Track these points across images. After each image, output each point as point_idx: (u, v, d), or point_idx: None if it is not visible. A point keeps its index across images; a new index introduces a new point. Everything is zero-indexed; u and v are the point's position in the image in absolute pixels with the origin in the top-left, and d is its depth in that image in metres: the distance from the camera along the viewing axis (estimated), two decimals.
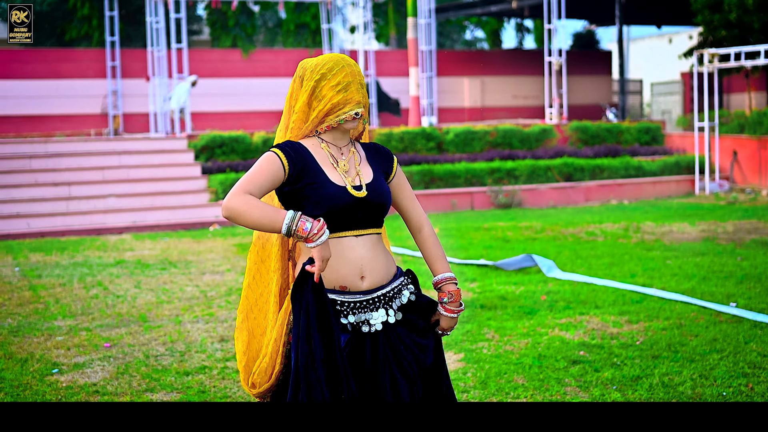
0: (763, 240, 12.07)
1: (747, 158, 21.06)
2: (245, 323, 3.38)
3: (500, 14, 34.92)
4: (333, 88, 3.25)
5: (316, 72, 3.28)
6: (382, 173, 3.40)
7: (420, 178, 18.64)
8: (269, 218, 3.07)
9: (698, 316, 7.55)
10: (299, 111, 3.31)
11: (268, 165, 3.19)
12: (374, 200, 3.27)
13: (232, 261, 11.63)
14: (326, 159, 3.29)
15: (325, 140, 3.33)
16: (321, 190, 3.20)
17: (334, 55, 3.33)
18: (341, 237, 3.24)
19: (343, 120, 3.27)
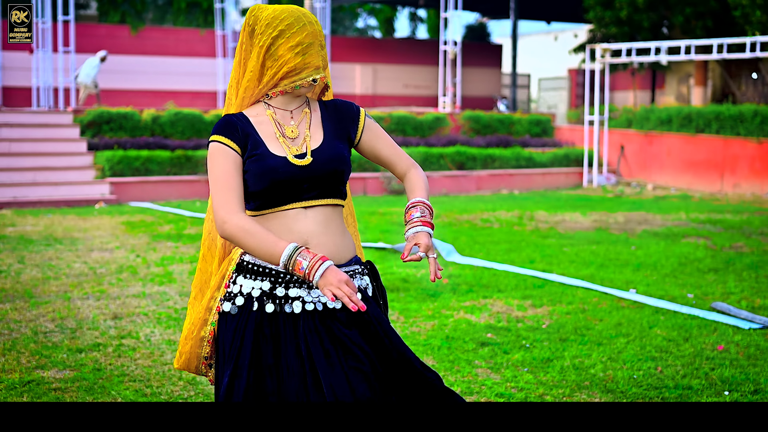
0: (653, 231, 12.25)
1: (633, 152, 21.48)
2: (196, 299, 3.08)
3: (395, 2, 34.87)
4: (291, 49, 2.87)
5: (272, 27, 2.88)
6: (340, 134, 3.02)
7: None
8: (267, 251, 2.76)
9: (600, 301, 7.55)
10: (253, 70, 2.93)
11: (224, 160, 2.86)
12: (320, 168, 2.91)
13: (121, 239, 11.21)
14: (270, 128, 2.94)
15: (273, 105, 2.97)
16: (260, 163, 2.87)
17: (293, 8, 2.91)
18: (286, 209, 2.90)
19: (299, 86, 2.90)
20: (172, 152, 17.41)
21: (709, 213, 14.54)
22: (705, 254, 10.14)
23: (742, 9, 22.11)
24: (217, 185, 2.84)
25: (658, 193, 18.87)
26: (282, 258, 2.74)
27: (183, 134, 18.33)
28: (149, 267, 9.11)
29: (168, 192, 16.70)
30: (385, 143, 3.12)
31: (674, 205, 16.22)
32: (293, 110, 2.99)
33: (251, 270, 2.90)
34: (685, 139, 20.52)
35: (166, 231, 11.91)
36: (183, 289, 7.94)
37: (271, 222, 2.89)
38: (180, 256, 9.76)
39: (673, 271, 9.07)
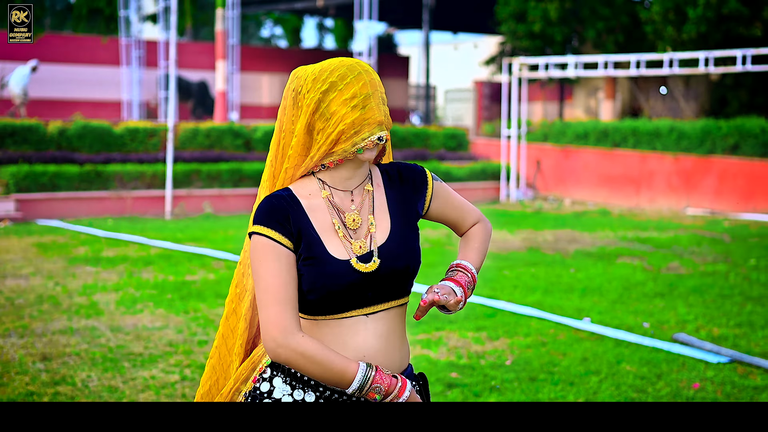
0: (585, 251, 12.09)
1: (550, 167, 21.47)
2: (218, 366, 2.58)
3: (304, 12, 34.47)
4: (346, 102, 2.34)
5: (320, 81, 2.36)
6: (409, 214, 2.50)
7: (229, 176, 17.85)
8: (333, 380, 2.28)
9: (557, 332, 7.27)
10: (299, 136, 2.39)
11: (275, 263, 2.32)
12: (389, 271, 2.39)
13: (35, 263, 10.52)
14: (326, 218, 2.39)
15: (328, 183, 2.42)
16: (316, 270, 2.33)
17: (343, 59, 2.41)
18: (344, 318, 2.38)
19: (362, 149, 2.35)
20: (81, 167, 16.64)
21: (634, 230, 14.49)
22: (645, 277, 9.98)
23: (654, 25, 22.33)
24: (268, 297, 2.29)
25: (577, 209, 18.83)
26: (354, 383, 2.28)
27: (91, 148, 17.54)
28: (71, 297, 8.50)
29: (77, 209, 15.93)
30: (453, 207, 2.63)
31: (596, 221, 16.16)
32: (354, 189, 2.44)
33: (291, 374, 2.39)
34: (601, 154, 20.58)
35: (82, 253, 11.25)
36: (113, 323, 7.38)
37: (323, 330, 2.38)
38: (103, 284, 9.16)
39: (620, 296, 8.86)
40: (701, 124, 19.15)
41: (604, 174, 20.44)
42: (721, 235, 13.85)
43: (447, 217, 2.63)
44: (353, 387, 2.27)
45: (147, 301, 8.32)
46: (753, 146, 17.98)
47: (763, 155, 17.82)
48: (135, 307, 8.05)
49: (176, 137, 17.81)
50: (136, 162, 17.52)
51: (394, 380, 2.32)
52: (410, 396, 2.33)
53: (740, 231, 14.53)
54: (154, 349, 6.59)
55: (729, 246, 12.63)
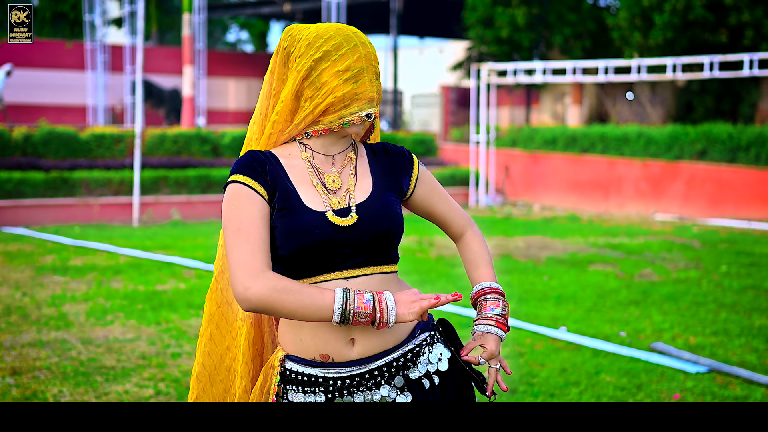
0: (558, 258, 12.08)
1: (518, 172, 21.49)
2: (206, 392, 2.45)
3: (271, 16, 34.32)
4: (339, 74, 2.26)
5: (314, 47, 2.28)
6: (391, 184, 2.41)
7: (197, 182, 17.69)
8: (312, 306, 2.13)
9: (534, 342, 7.22)
10: (285, 100, 2.31)
11: (248, 207, 2.22)
12: (367, 228, 2.28)
13: (1, 272, 10.32)
14: (305, 174, 2.32)
15: (310, 147, 2.35)
16: (290, 219, 2.24)
17: (341, 26, 2.33)
18: (321, 281, 2.27)
19: (348, 123, 2.29)
20: (47, 173, 16.41)
21: (605, 236, 14.50)
22: (618, 284, 9.97)
23: (620, 30, 22.44)
24: (238, 239, 2.19)
25: (546, 214, 18.84)
26: (336, 310, 2.14)
27: (57, 154, 17.30)
28: (40, 308, 8.34)
29: (43, 216, 15.71)
30: (440, 198, 2.54)
31: (566, 227, 16.18)
32: (336, 155, 2.37)
33: (297, 381, 2.31)
34: (570, 160, 20.63)
35: (50, 262, 11.07)
36: (84, 335, 7.24)
37: None
38: (72, 294, 9.00)
39: (595, 304, 8.83)
40: (669, 129, 19.25)
41: (572, 179, 20.49)
42: (690, 241, 13.90)
43: (434, 209, 2.54)
44: (336, 314, 2.15)
45: (117, 312, 8.18)
46: (720, 152, 18.09)
47: (731, 161, 17.94)
48: (105, 319, 7.92)
49: (143, 143, 17.63)
50: (102, 168, 17.32)
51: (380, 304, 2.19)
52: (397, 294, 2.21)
53: (709, 237, 14.59)
54: (126, 362, 6.47)
55: (699, 252, 12.67)
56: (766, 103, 23.03)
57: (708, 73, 17.02)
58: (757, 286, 9.92)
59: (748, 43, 20.63)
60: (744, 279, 10.35)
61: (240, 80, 32.48)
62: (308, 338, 2.28)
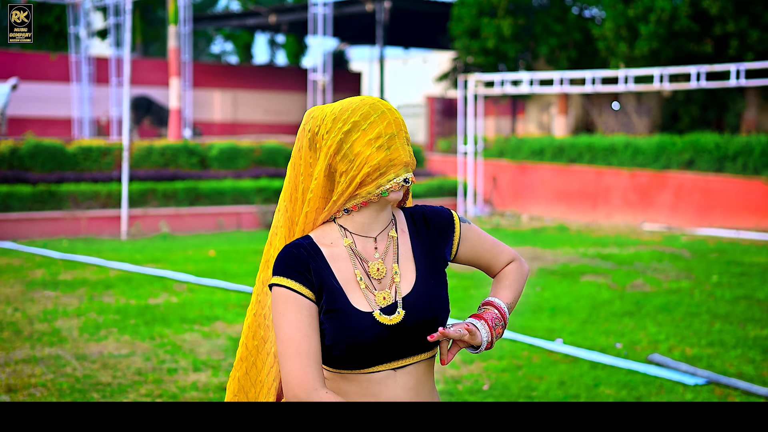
0: (549, 269, 12.08)
1: (506, 183, 21.51)
2: None
3: (256, 28, 34.31)
4: (371, 143, 2.23)
5: (341, 121, 2.25)
6: (435, 262, 2.38)
7: (185, 195, 17.62)
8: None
9: (531, 354, 7.21)
10: (319, 178, 2.28)
11: (296, 315, 2.20)
12: (415, 323, 2.27)
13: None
14: (349, 268, 2.27)
15: (350, 230, 2.31)
16: (339, 323, 2.22)
17: (365, 98, 2.30)
18: (371, 373, 2.27)
19: (387, 191, 2.24)
20: (34, 187, 16.32)
21: (594, 247, 14.52)
22: (611, 295, 9.97)
23: (606, 41, 22.51)
24: (290, 350, 2.18)
25: (535, 225, 18.86)
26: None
27: (44, 167, 17.20)
28: (32, 323, 8.27)
29: (30, 230, 15.62)
30: (484, 249, 2.49)
31: (555, 237, 16.19)
32: (377, 235, 2.32)
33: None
34: (557, 170, 20.66)
35: (39, 277, 10.99)
36: (78, 351, 7.19)
37: (350, 384, 2.27)
38: (63, 309, 8.94)
39: (589, 316, 8.83)
40: (656, 139, 19.31)
41: (560, 190, 20.52)
42: (680, 251, 13.93)
43: (479, 260, 2.50)
44: None
45: (111, 327, 8.13)
46: (708, 161, 18.16)
47: (718, 170, 18.00)
48: (99, 334, 7.86)
49: (131, 156, 17.56)
50: (90, 181, 17.23)
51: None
52: None
53: (698, 246, 14.63)
54: (122, 379, 6.42)
55: (690, 262, 12.70)
56: (751, 113, 23.12)
57: (695, 84, 17.08)
58: (749, 296, 9.94)
59: (733, 53, 20.73)
60: (736, 289, 10.38)
61: (225, 91, 32.41)
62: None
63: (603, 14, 24.59)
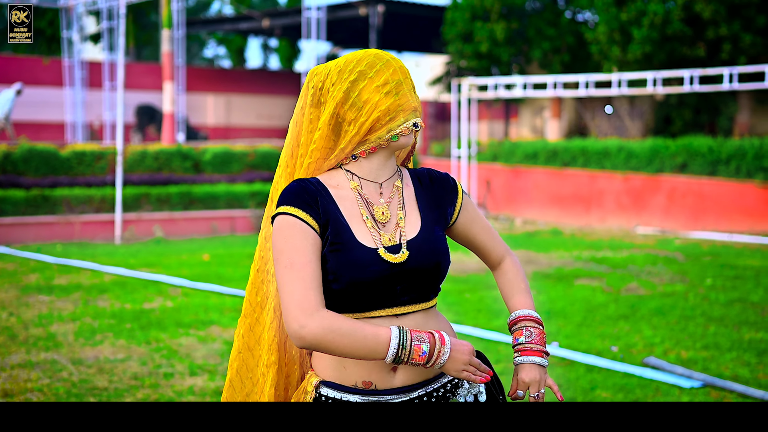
0: (544, 272, 12.10)
1: (500, 186, 21.54)
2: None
3: (249, 32, 34.32)
4: (379, 89, 2.26)
5: (347, 71, 2.29)
6: (438, 216, 2.42)
7: (178, 199, 17.62)
8: (365, 349, 2.13)
9: None
10: (320, 137, 2.31)
11: (301, 241, 2.21)
12: (418, 266, 2.29)
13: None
14: (355, 207, 2.31)
15: (357, 174, 2.34)
16: (342, 256, 2.23)
17: (368, 50, 2.34)
18: (372, 317, 2.27)
19: (397, 136, 2.27)
20: (27, 191, 16.31)
21: (588, 250, 14.54)
22: (606, 299, 9.99)
23: (599, 45, 22.56)
24: (291, 275, 2.18)
25: (528, 228, 18.89)
26: (391, 347, 2.14)
27: (37, 171, 17.19)
28: (27, 328, 8.26)
29: (24, 234, 15.60)
30: (480, 227, 2.56)
31: (549, 241, 16.22)
32: (383, 182, 2.36)
33: (337, 387, 2.32)
34: (551, 173, 20.70)
35: (34, 281, 10.98)
36: (74, 356, 7.18)
37: None
38: (58, 313, 8.92)
39: (585, 319, 8.84)
40: (649, 143, 19.36)
41: (554, 193, 20.55)
42: (674, 254, 13.96)
43: (474, 237, 2.55)
44: (391, 353, 2.15)
45: (106, 332, 8.12)
46: (701, 165, 18.21)
47: (711, 173, 18.05)
48: (94, 338, 7.85)
49: (124, 160, 17.55)
50: (83, 185, 17.22)
51: (431, 336, 2.21)
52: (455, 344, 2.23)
53: (692, 249, 14.66)
54: (119, 383, 6.41)
55: (684, 265, 12.72)
56: (744, 116, 23.20)
57: (688, 87, 17.13)
58: (744, 299, 9.97)
59: (725, 56, 20.80)
60: (730, 292, 10.40)
61: (218, 95, 32.43)
62: (351, 365, 2.28)
63: (596, 18, 24.67)
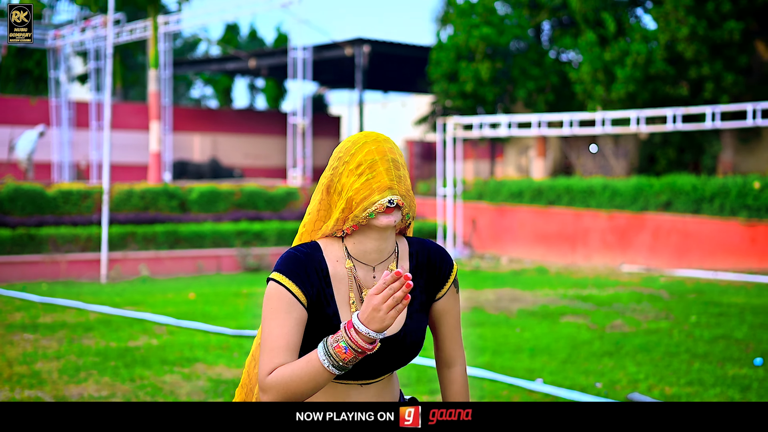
0: (529, 310, 12.12)
1: (485, 225, 21.61)
2: None
3: (236, 72, 34.50)
4: (352, 172, 2.40)
5: (334, 158, 2.47)
6: (426, 302, 2.53)
7: (164, 238, 17.61)
8: (311, 381, 2.24)
9: (511, 394, 7.24)
10: (313, 210, 2.52)
11: (285, 314, 2.33)
12: (395, 352, 2.44)
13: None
14: (345, 289, 2.43)
15: (353, 255, 2.45)
16: (322, 333, 2.38)
17: (353, 135, 2.50)
18: (343, 384, 2.46)
19: (373, 213, 2.37)
20: (13, 230, 16.30)
21: (574, 288, 14.59)
22: (591, 336, 10.03)
23: (583, 84, 22.77)
24: (265, 344, 2.32)
25: (514, 267, 18.94)
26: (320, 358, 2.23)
27: (24, 210, 17.17)
28: (12, 366, 8.23)
29: (9, 273, 15.56)
30: (452, 322, 2.62)
31: (535, 279, 16.26)
32: (376, 266, 2.46)
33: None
34: (536, 212, 20.79)
35: (18, 320, 10.95)
36: (58, 394, 7.16)
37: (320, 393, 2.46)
38: (43, 351, 8.90)
39: (569, 356, 8.87)
40: (634, 181, 19.48)
41: (539, 232, 20.63)
42: (659, 292, 14.01)
43: (441, 327, 2.61)
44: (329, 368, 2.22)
45: (91, 369, 8.10)
46: (685, 203, 18.32)
47: (695, 211, 18.16)
48: (79, 376, 7.83)
49: (111, 199, 17.56)
50: (69, 225, 17.21)
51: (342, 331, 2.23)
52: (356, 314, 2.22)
53: (677, 287, 14.73)
54: None
55: (668, 303, 12.78)
56: (727, 155, 23.40)
57: (671, 126, 17.29)
58: (728, 335, 10.01)
59: (708, 96, 21.02)
60: (714, 329, 10.45)
61: (205, 135, 32.52)
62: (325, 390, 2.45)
63: (580, 58, 24.93)
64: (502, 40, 24.53)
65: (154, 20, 25.08)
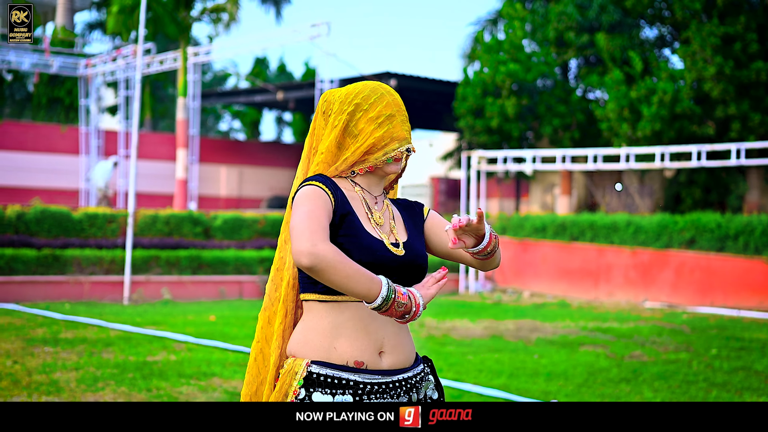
0: (548, 339, 12.10)
1: (508, 259, 21.58)
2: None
3: (263, 105, 34.77)
4: (372, 120, 2.64)
5: (346, 103, 2.66)
6: (418, 231, 2.79)
7: (188, 263, 17.72)
8: (364, 282, 2.39)
9: None
10: (325, 151, 2.68)
11: (319, 201, 2.53)
12: (411, 262, 2.65)
13: None
14: (360, 206, 2.68)
15: (359, 184, 2.72)
16: (356, 240, 2.56)
17: (366, 82, 2.72)
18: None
19: (391, 158, 2.66)
20: (39, 251, 16.45)
21: (595, 321, 14.54)
22: (609, 363, 9.99)
23: (609, 122, 22.80)
24: (309, 218, 2.46)
25: (536, 301, 18.89)
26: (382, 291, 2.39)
27: (50, 232, 17.33)
28: (31, 375, 8.31)
29: (34, 293, 15.69)
30: (441, 220, 2.86)
31: (556, 312, 16.21)
32: (377, 196, 2.74)
33: (325, 383, 2.54)
34: (559, 247, 20.75)
35: (40, 335, 11.04)
36: (75, 399, 7.22)
37: (343, 314, 2.56)
38: (62, 363, 8.97)
39: (586, 380, 8.84)
40: (658, 218, 19.42)
41: (562, 267, 20.58)
42: (680, 327, 13.94)
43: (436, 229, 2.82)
44: (377, 302, 2.39)
45: (108, 380, 8.16)
46: (709, 240, 18.24)
47: (719, 249, 18.07)
48: (96, 385, 7.89)
49: (135, 224, 17.70)
50: (94, 247, 17.36)
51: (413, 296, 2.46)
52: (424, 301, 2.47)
53: (699, 323, 14.64)
54: None
55: (689, 336, 12.71)
56: (753, 195, 23.30)
57: (696, 162, 17.27)
58: (748, 367, 9.95)
59: (734, 135, 20.99)
60: (734, 361, 10.38)
61: (232, 167, 32.74)
62: (344, 346, 2.58)
63: (606, 96, 24.95)
64: (528, 76, 24.63)
65: (183, 50, 25.40)
